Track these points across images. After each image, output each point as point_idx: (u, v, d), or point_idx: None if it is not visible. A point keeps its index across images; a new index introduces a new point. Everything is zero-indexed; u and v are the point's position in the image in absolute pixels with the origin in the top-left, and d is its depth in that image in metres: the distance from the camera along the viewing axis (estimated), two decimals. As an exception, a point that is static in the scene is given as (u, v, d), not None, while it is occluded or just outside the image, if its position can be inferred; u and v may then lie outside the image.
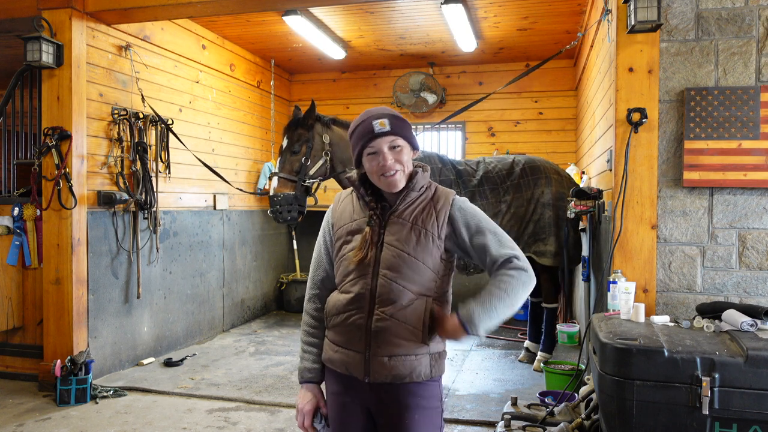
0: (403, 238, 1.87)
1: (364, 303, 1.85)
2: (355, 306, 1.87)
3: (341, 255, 1.94)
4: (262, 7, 4.96)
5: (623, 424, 2.58)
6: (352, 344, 1.87)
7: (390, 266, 1.85)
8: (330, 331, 1.95)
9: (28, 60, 4.37)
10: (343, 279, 1.93)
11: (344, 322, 1.89)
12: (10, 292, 4.78)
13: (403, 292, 1.84)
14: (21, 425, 3.91)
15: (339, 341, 1.91)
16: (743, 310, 2.88)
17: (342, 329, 1.89)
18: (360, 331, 1.85)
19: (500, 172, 4.84)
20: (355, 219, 1.95)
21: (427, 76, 7.53)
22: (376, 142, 1.86)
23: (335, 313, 1.92)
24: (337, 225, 1.98)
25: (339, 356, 1.90)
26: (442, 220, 1.90)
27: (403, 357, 1.83)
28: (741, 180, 3.31)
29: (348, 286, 1.90)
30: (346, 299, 1.88)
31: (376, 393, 1.87)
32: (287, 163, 4.48)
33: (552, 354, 5.09)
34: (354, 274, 1.88)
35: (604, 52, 4.16)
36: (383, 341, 1.83)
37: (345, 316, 1.88)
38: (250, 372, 5.06)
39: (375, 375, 1.84)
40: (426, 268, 1.87)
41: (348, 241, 1.93)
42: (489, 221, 1.93)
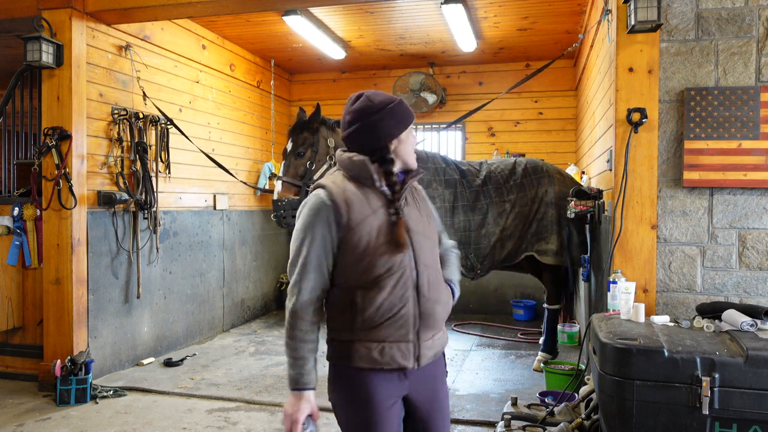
0: (422, 224, 1.96)
1: (410, 293, 1.87)
2: (402, 298, 1.86)
3: (371, 250, 1.83)
4: (262, 7, 4.96)
5: (623, 424, 2.58)
6: (402, 336, 1.86)
7: (423, 251, 1.92)
8: (369, 332, 1.85)
9: (28, 60, 4.37)
10: (372, 275, 1.84)
11: (393, 317, 1.85)
12: (10, 292, 4.78)
13: (436, 273, 1.95)
14: (21, 425, 3.91)
15: (383, 337, 1.85)
16: (743, 310, 2.88)
17: (390, 324, 1.85)
18: (409, 321, 1.86)
19: (503, 172, 4.85)
20: (374, 209, 1.87)
21: (427, 76, 7.52)
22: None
23: (379, 315, 1.84)
24: (354, 220, 1.84)
25: (384, 352, 1.85)
26: (429, 202, 2.09)
27: (440, 334, 1.98)
28: (741, 180, 3.31)
29: (388, 281, 1.84)
30: (394, 296, 1.85)
31: (415, 376, 1.91)
32: (291, 167, 4.45)
33: (552, 354, 5.09)
34: (394, 267, 1.85)
35: (604, 52, 4.17)
36: (429, 325, 1.90)
37: (394, 311, 1.85)
38: (250, 372, 5.06)
39: (423, 359, 1.90)
40: (437, 247, 2.03)
41: (371, 234, 1.84)
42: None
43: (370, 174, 1.90)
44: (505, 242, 4.77)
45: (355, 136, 1.92)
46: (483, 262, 4.73)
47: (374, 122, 1.89)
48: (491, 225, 4.70)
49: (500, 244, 4.75)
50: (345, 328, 1.88)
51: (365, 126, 1.90)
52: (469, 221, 4.62)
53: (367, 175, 1.90)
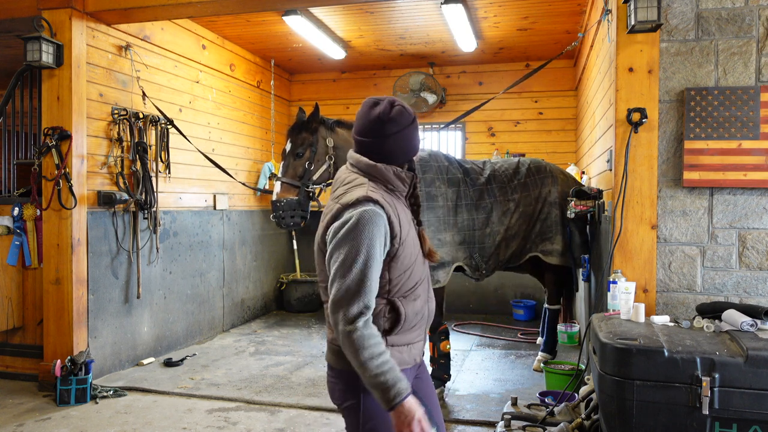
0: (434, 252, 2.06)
1: (426, 297, 2.01)
2: (424, 304, 1.99)
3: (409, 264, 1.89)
4: (262, 7, 4.96)
5: (623, 424, 2.58)
6: (420, 335, 2.02)
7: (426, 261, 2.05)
8: (397, 336, 1.91)
9: (28, 60, 4.37)
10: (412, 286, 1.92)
11: (420, 321, 1.98)
12: (10, 292, 4.78)
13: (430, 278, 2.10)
14: (21, 425, 3.91)
15: (411, 339, 1.97)
16: (743, 310, 2.88)
17: (417, 328, 1.98)
18: (425, 321, 2.02)
19: (507, 171, 4.84)
20: (410, 224, 1.96)
21: (427, 76, 7.52)
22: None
23: (412, 319, 1.93)
24: (404, 235, 1.87)
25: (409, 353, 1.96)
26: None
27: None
28: (741, 180, 3.31)
29: (421, 289, 1.97)
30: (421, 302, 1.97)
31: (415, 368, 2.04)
32: (290, 167, 4.43)
33: (552, 355, 5.09)
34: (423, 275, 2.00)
35: (604, 52, 4.17)
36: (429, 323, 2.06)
37: (420, 315, 1.97)
38: (250, 372, 5.06)
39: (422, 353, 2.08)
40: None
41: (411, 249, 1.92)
42: None
43: (401, 183, 1.92)
44: (510, 242, 4.75)
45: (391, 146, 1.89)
46: (488, 262, 4.71)
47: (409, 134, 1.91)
48: (495, 224, 4.69)
49: (505, 244, 4.74)
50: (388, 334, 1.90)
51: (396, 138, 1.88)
52: (473, 220, 4.61)
53: (398, 185, 1.92)
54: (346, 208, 1.82)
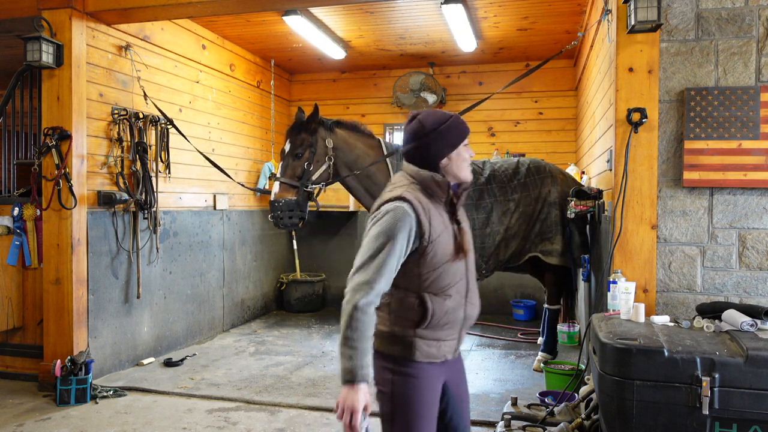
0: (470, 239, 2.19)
1: (463, 299, 2.13)
2: (459, 305, 2.11)
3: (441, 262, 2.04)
4: (262, 7, 4.96)
5: (623, 424, 2.58)
6: (453, 335, 2.12)
7: (472, 262, 2.18)
8: (427, 330, 2.05)
9: (28, 60, 4.37)
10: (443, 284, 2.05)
11: (450, 320, 2.08)
12: (10, 292, 4.78)
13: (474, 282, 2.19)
14: (21, 425, 3.91)
15: (441, 336, 2.09)
16: (743, 310, 2.88)
17: (449, 326, 2.09)
18: (460, 323, 2.13)
19: (506, 171, 4.84)
20: (445, 226, 2.08)
21: (427, 76, 7.52)
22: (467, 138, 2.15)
23: (442, 315, 2.06)
24: (433, 235, 2.02)
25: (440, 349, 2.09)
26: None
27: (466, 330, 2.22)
28: (741, 180, 3.31)
29: (453, 290, 2.08)
30: (455, 302, 2.08)
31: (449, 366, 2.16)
32: (289, 167, 4.43)
33: (552, 355, 5.09)
34: (456, 278, 2.09)
35: (604, 52, 4.16)
36: (468, 324, 2.18)
37: (452, 316, 2.09)
38: (250, 372, 5.06)
39: (457, 351, 2.20)
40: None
41: (444, 248, 2.05)
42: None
43: (438, 189, 2.08)
44: (510, 242, 4.75)
45: (412, 154, 2.12)
46: (488, 262, 4.71)
47: (426, 143, 2.08)
48: (495, 224, 4.68)
49: (504, 244, 4.74)
50: (409, 327, 2.05)
51: (419, 146, 2.09)
52: (473, 220, 4.61)
53: (436, 190, 2.08)
54: (382, 205, 2.05)
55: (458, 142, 2.10)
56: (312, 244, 8.16)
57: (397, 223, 1.96)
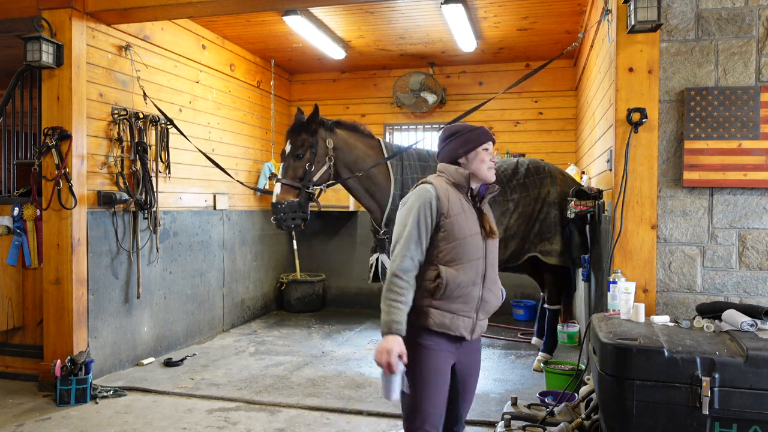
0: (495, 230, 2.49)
1: (479, 280, 2.40)
2: (473, 283, 2.38)
3: (456, 238, 2.35)
4: (262, 7, 4.96)
5: (623, 424, 2.58)
6: (467, 312, 2.39)
7: (492, 253, 2.47)
8: (443, 302, 2.35)
9: (28, 60, 4.37)
10: (458, 258, 2.35)
11: (463, 294, 2.36)
12: (10, 292, 4.78)
13: (496, 273, 2.49)
14: (21, 425, 3.91)
15: (455, 309, 2.36)
16: (743, 310, 2.88)
17: (460, 300, 2.36)
18: (474, 302, 2.40)
19: (506, 171, 4.84)
20: (464, 209, 2.41)
21: (427, 76, 7.52)
22: (490, 144, 2.56)
23: (454, 288, 2.34)
24: (451, 211, 2.37)
25: (452, 321, 2.36)
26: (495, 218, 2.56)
27: (486, 319, 2.52)
28: (741, 180, 3.31)
29: (467, 266, 2.36)
30: (467, 277, 2.36)
31: (465, 346, 2.45)
32: (290, 169, 4.41)
33: (552, 354, 5.09)
34: (470, 256, 2.37)
35: (604, 52, 4.16)
36: (485, 309, 2.46)
37: (465, 290, 2.36)
38: (250, 372, 5.06)
39: (474, 334, 2.44)
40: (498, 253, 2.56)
41: (462, 226, 2.37)
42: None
43: (460, 178, 2.45)
44: (509, 242, 4.75)
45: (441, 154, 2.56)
46: None
47: (449, 145, 2.53)
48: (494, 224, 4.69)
49: (503, 244, 4.74)
50: (427, 297, 2.36)
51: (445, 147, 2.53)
52: None
53: (459, 179, 2.45)
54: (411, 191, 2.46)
55: (475, 146, 2.48)
56: (312, 244, 8.16)
57: (420, 198, 2.35)
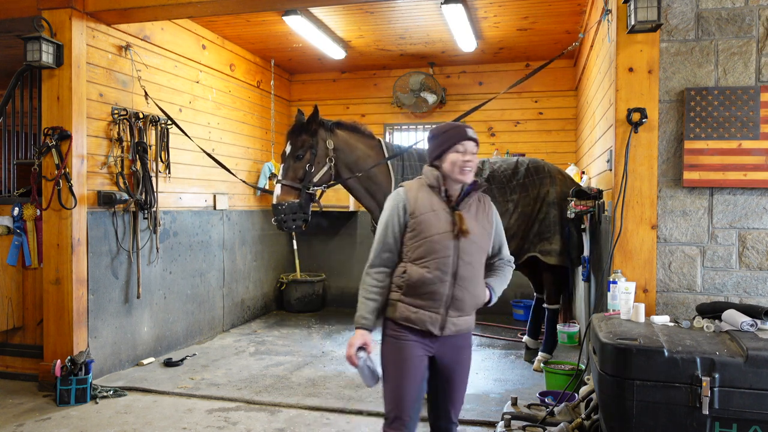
0: (473, 230, 2.48)
1: (447, 278, 2.43)
2: (440, 280, 2.42)
3: (423, 236, 2.44)
4: (262, 7, 4.96)
5: (623, 424, 2.58)
6: (433, 308, 2.44)
7: (467, 252, 2.45)
8: (409, 297, 2.46)
9: (28, 60, 4.37)
10: (424, 256, 2.43)
11: (428, 291, 2.43)
12: (10, 292, 4.78)
13: (474, 272, 2.49)
14: (21, 425, 3.91)
15: (420, 305, 2.45)
16: (743, 310, 2.88)
17: (426, 296, 2.44)
18: (441, 299, 2.44)
19: (506, 171, 4.85)
20: (434, 209, 2.47)
21: (427, 76, 7.52)
22: (467, 143, 2.48)
23: (420, 284, 2.43)
24: (417, 211, 2.46)
25: (417, 316, 2.45)
26: (491, 219, 2.60)
27: (465, 317, 2.52)
28: (741, 180, 3.31)
29: (432, 263, 2.42)
30: (433, 275, 2.41)
31: (441, 342, 2.49)
32: (291, 170, 4.40)
33: (552, 354, 5.09)
34: (439, 255, 2.42)
35: (604, 52, 4.16)
36: (457, 307, 2.46)
37: (430, 287, 2.42)
38: (250, 372, 5.06)
39: (446, 330, 2.46)
40: (484, 254, 2.56)
41: (429, 226, 2.44)
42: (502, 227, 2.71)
43: (434, 180, 2.52)
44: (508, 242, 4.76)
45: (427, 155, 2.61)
46: None
47: (428, 147, 2.59)
48: None
49: None
50: (396, 291, 2.49)
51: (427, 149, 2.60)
52: None
53: (432, 181, 2.53)
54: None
55: (447, 147, 2.48)
56: (312, 244, 8.16)
57: (391, 201, 2.52)
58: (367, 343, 2.46)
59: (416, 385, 2.47)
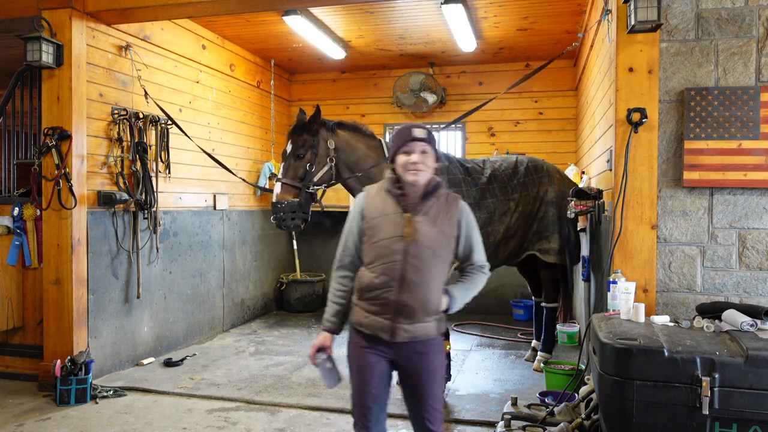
0: (427, 235, 2.39)
1: (395, 284, 2.36)
2: (387, 285, 2.37)
3: (374, 241, 2.41)
4: (262, 7, 4.96)
5: (623, 424, 2.58)
6: (382, 314, 2.39)
7: (417, 257, 2.37)
8: (362, 302, 2.44)
9: (28, 60, 4.37)
10: (374, 261, 2.40)
11: (377, 296, 2.39)
12: (10, 292, 4.78)
13: (425, 279, 2.38)
14: (21, 425, 3.91)
15: (370, 310, 2.41)
16: (743, 310, 2.88)
17: (374, 302, 2.40)
18: (389, 305, 2.38)
19: (506, 170, 4.86)
20: (386, 213, 2.43)
21: (427, 76, 7.52)
22: (412, 144, 2.41)
23: (368, 290, 2.41)
24: (369, 216, 2.45)
25: (369, 321, 2.42)
26: (454, 222, 2.47)
27: (419, 324, 2.40)
28: (741, 180, 3.31)
29: (380, 269, 2.38)
30: (381, 280, 2.37)
31: (398, 348, 2.42)
32: (291, 168, 4.41)
33: (552, 354, 5.09)
34: (386, 260, 2.37)
35: (604, 52, 4.16)
36: (407, 314, 2.38)
37: (378, 293, 2.38)
38: (250, 372, 5.06)
39: (397, 337, 2.39)
40: (441, 261, 2.43)
41: (380, 230, 2.40)
42: (478, 232, 2.58)
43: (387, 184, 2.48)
44: (509, 241, 4.78)
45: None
46: None
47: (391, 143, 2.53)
48: (496, 223, 4.71)
49: (504, 243, 4.76)
50: (355, 295, 2.50)
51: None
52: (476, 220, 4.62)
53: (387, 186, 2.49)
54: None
55: (396, 149, 2.46)
56: (312, 244, 8.16)
57: (355, 205, 2.55)
58: (327, 345, 2.54)
59: (373, 391, 2.44)
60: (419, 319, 2.39)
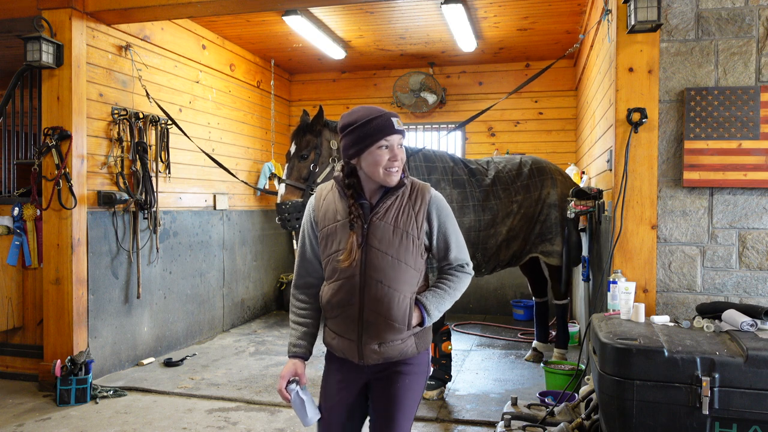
0: (386, 241, 2.02)
1: (355, 300, 2.03)
2: (347, 303, 2.04)
3: (328, 254, 2.08)
4: (262, 7, 4.96)
5: (623, 424, 2.58)
6: (347, 334, 2.07)
7: (375, 268, 2.01)
8: (328, 321, 2.14)
9: (28, 60, 4.37)
10: (332, 276, 2.07)
11: (339, 315, 2.07)
12: (10, 292, 4.78)
13: (388, 292, 2.01)
14: (21, 425, 3.91)
15: (336, 330, 2.10)
16: (743, 310, 2.88)
17: (338, 321, 2.08)
18: (353, 324, 2.04)
19: (510, 172, 4.87)
20: (338, 220, 2.06)
21: (427, 76, 7.52)
22: (393, 137, 2.01)
23: (330, 308, 2.09)
24: (321, 224, 2.10)
25: (336, 342, 2.11)
26: (421, 219, 2.07)
27: (390, 343, 2.05)
28: (741, 180, 3.31)
29: (337, 284, 2.05)
30: (339, 297, 2.05)
31: (371, 369, 2.09)
32: (295, 169, 4.43)
33: (567, 349, 5.11)
34: (343, 274, 2.04)
35: (604, 52, 4.17)
36: (373, 333, 2.03)
37: (339, 311, 2.07)
38: (250, 372, 5.06)
39: (367, 359, 2.06)
40: (408, 268, 2.04)
41: (333, 240, 2.06)
42: (456, 225, 2.15)
43: (339, 188, 2.09)
44: (511, 243, 4.78)
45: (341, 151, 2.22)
46: (488, 262, 4.75)
47: (342, 142, 2.07)
48: (499, 225, 4.72)
49: (506, 245, 4.76)
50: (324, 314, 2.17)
51: (341, 143, 2.08)
52: (479, 221, 4.62)
53: (338, 189, 2.10)
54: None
55: (369, 144, 1.98)
56: (312, 244, 8.14)
57: (306, 213, 2.17)
58: (299, 374, 2.12)
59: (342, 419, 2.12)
60: (387, 339, 2.02)
